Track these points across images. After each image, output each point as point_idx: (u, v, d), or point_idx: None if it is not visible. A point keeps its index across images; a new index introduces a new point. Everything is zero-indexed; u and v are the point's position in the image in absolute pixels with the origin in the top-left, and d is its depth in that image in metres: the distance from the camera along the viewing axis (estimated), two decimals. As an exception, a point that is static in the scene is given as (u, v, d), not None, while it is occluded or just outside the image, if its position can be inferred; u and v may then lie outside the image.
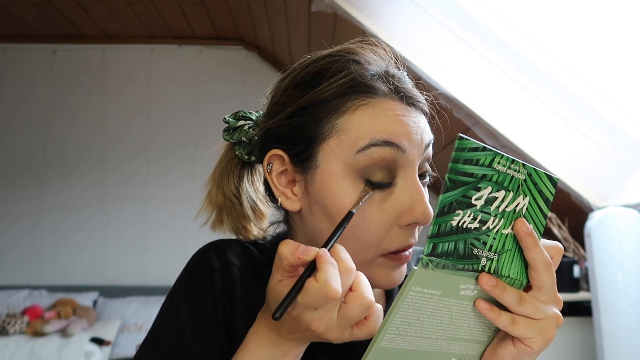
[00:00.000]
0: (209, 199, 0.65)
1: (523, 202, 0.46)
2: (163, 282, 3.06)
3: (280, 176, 0.57)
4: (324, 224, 0.54)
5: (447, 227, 0.42)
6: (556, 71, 1.75)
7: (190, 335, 0.57)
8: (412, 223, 0.52)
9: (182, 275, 0.62)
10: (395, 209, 0.52)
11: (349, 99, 0.53)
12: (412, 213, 0.51)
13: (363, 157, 0.51)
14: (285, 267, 0.45)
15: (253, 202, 0.66)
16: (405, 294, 0.43)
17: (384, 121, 0.52)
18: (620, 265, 1.69)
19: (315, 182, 0.54)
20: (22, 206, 3.22)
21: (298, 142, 0.55)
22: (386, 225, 0.52)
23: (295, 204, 0.57)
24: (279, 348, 0.49)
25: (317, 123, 0.54)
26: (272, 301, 0.47)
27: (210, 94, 3.34)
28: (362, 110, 0.53)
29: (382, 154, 0.51)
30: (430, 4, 1.74)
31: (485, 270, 0.45)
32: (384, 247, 0.52)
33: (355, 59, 0.56)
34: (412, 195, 0.52)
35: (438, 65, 1.85)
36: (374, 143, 0.51)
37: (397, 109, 0.54)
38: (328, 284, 0.42)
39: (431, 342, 0.47)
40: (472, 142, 0.42)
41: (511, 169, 0.45)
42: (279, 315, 0.42)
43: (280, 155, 0.57)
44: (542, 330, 0.46)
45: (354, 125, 0.52)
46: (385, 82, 0.55)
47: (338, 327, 0.45)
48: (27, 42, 3.33)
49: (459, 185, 0.42)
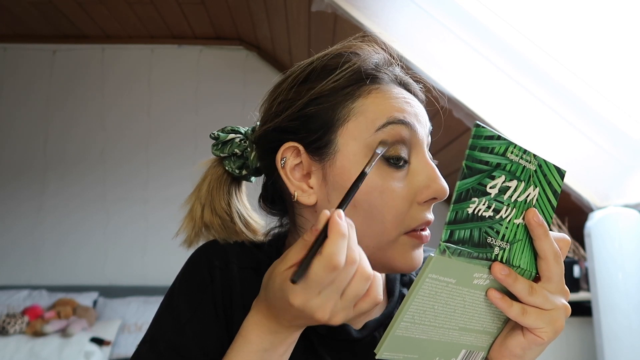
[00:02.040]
0: (191, 217, 0.63)
1: (534, 192, 0.46)
2: (163, 282, 3.06)
3: (293, 170, 0.57)
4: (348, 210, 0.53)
5: (463, 214, 0.43)
6: (556, 71, 1.75)
7: (190, 333, 0.57)
8: (431, 199, 0.53)
9: (181, 273, 0.62)
10: (413, 186, 0.54)
11: (360, 85, 0.56)
12: (429, 189, 0.53)
13: (382, 135, 0.53)
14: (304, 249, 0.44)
15: (244, 218, 0.65)
16: (422, 280, 0.43)
17: (395, 102, 0.55)
18: (620, 265, 1.69)
19: (336, 167, 0.54)
20: (22, 206, 3.22)
21: (314, 130, 0.56)
22: (407, 202, 0.53)
23: (312, 197, 0.56)
24: (277, 335, 0.49)
25: (333, 109, 0.55)
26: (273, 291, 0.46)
27: (210, 94, 3.34)
28: (374, 94, 0.56)
29: (399, 131, 0.53)
30: (430, 4, 1.74)
31: (498, 259, 0.45)
32: (406, 224, 0.53)
33: (358, 52, 0.59)
34: (427, 172, 0.54)
35: (438, 65, 1.85)
36: (392, 121, 0.53)
37: (404, 94, 0.57)
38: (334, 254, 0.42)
39: (444, 332, 0.47)
40: (488, 130, 0.43)
41: (523, 159, 0.46)
42: (297, 278, 0.41)
43: (294, 147, 0.57)
44: (552, 320, 0.46)
45: (370, 107, 0.55)
46: (387, 72, 0.58)
47: (342, 310, 0.45)
48: (27, 42, 3.33)
49: (475, 172, 0.43)
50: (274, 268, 0.47)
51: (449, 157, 2.35)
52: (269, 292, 0.47)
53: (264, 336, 0.49)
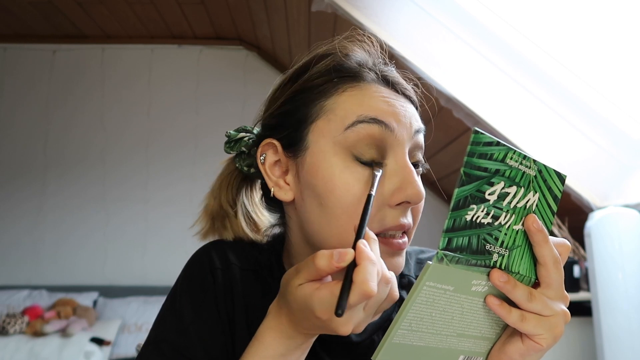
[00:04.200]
0: (205, 211, 0.66)
1: (533, 198, 0.46)
2: (163, 282, 3.06)
3: (273, 167, 0.58)
4: (315, 208, 0.54)
5: (461, 221, 0.42)
6: (556, 71, 1.75)
7: (194, 335, 0.57)
8: (404, 202, 0.52)
9: (183, 274, 0.62)
10: (386, 189, 0.52)
11: (336, 83, 0.55)
12: (402, 191, 0.51)
13: (351, 134, 0.52)
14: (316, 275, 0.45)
15: (248, 213, 0.66)
16: (419, 288, 0.43)
17: (370, 101, 0.54)
18: (620, 266, 1.69)
19: (306, 164, 0.55)
20: (22, 206, 3.22)
21: (288, 127, 0.57)
22: (377, 204, 0.52)
23: (288, 194, 0.57)
24: (294, 341, 0.49)
25: (306, 106, 0.56)
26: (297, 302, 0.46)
27: (210, 93, 3.33)
28: (349, 91, 0.55)
29: (369, 130, 0.52)
30: (430, 4, 1.74)
31: (497, 266, 0.45)
32: (374, 227, 0.52)
33: (340, 50, 0.58)
34: (402, 174, 0.52)
35: (438, 65, 1.85)
36: (361, 120, 0.52)
37: (384, 92, 0.55)
38: (366, 282, 0.41)
39: (441, 338, 0.47)
40: (487, 137, 0.42)
41: (523, 164, 0.45)
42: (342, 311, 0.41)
43: (273, 143, 0.58)
44: (551, 326, 0.46)
45: (342, 105, 0.54)
46: (371, 71, 0.57)
47: (366, 319, 0.45)
48: (27, 42, 3.33)
49: (474, 179, 0.42)
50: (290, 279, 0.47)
51: (449, 157, 2.35)
52: (289, 301, 0.47)
53: (281, 341, 0.49)
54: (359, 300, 0.42)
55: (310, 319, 0.45)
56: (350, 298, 0.42)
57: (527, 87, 1.80)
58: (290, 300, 0.47)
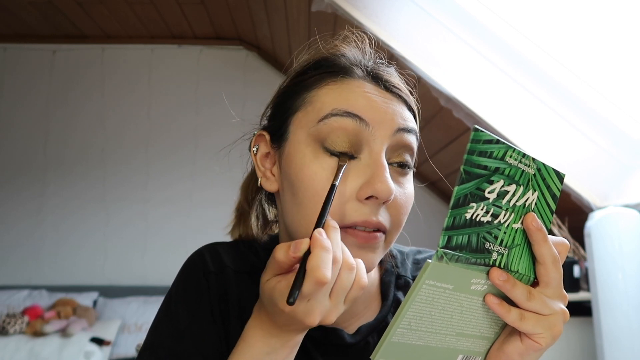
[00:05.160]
0: (236, 206, 0.69)
1: (532, 196, 0.46)
2: (163, 282, 3.06)
3: (265, 158, 0.60)
4: (289, 197, 0.54)
5: (461, 219, 0.42)
6: (556, 71, 1.75)
7: (189, 340, 0.57)
8: (370, 197, 0.51)
9: (178, 279, 0.62)
10: (354, 182, 0.52)
11: (321, 77, 0.56)
12: (370, 186, 0.50)
13: (324, 127, 0.53)
14: (279, 269, 0.46)
15: (263, 211, 0.68)
16: (419, 287, 0.43)
17: (348, 95, 0.54)
18: (620, 265, 1.69)
19: (284, 154, 0.56)
20: (22, 206, 3.22)
21: (274, 118, 0.59)
22: (343, 196, 0.51)
23: (273, 185, 0.58)
24: (277, 339, 0.49)
25: (291, 99, 0.57)
26: (265, 298, 0.48)
27: (210, 94, 3.33)
28: (330, 85, 0.55)
29: (342, 124, 0.52)
30: (430, 4, 1.74)
31: (496, 264, 0.45)
32: (340, 219, 0.51)
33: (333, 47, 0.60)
34: (373, 169, 0.51)
35: (438, 65, 1.85)
36: (335, 113, 0.52)
37: (367, 88, 0.55)
38: (318, 268, 0.43)
39: (440, 337, 0.47)
40: (487, 134, 0.42)
41: (522, 162, 0.45)
42: (293, 300, 0.42)
43: (263, 135, 0.60)
44: (550, 325, 0.46)
45: (321, 97, 0.55)
46: (359, 68, 0.57)
47: (334, 308, 0.46)
48: (27, 42, 3.33)
49: (474, 177, 0.42)
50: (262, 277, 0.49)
51: (449, 157, 2.35)
52: (262, 298, 0.49)
53: (265, 339, 0.49)
54: (313, 287, 0.43)
55: (277, 313, 0.46)
56: (303, 286, 0.43)
57: (527, 87, 1.80)
58: (262, 296, 0.49)
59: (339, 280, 0.45)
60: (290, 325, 0.48)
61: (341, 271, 0.45)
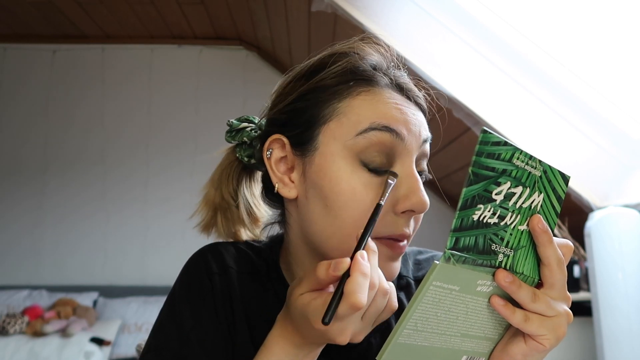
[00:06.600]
0: (206, 201, 0.66)
1: (538, 198, 0.46)
2: (163, 282, 3.06)
3: (279, 163, 0.58)
4: (319, 208, 0.54)
5: (468, 221, 0.42)
6: (556, 71, 1.75)
7: (195, 341, 0.56)
8: (408, 210, 0.52)
9: (180, 280, 0.61)
10: (392, 196, 0.52)
11: (350, 85, 0.55)
12: (408, 200, 0.52)
13: (362, 140, 0.52)
14: (317, 284, 0.46)
15: (249, 205, 0.67)
16: (426, 288, 0.43)
17: (384, 107, 0.54)
18: (620, 265, 1.69)
19: (314, 165, 0.55)
20: (22, 205, 3.22)
21: (299, 125, 0.56)
22: (382, 210, 0.52)
23: (292, 191, 0.57)
24: (301, 349, 0.50)
25: (319, 106, 0.55)
26: (296, 311, 0.47)
27: (210, 93, 3.33)
28: (363, 95, 0.54)
29: (381, 138, 0.52)
30: (430, 4, 1.74)
31: (502, 266, 0.45)
32: (377, 231, 0.52)
33: (357, 52, 0.58)
34: (409, 183, 0.52)
35: (438, 65, 1.85)
36: (374, 127, 0.52)
37: (397, 99, 0.55)
38: (355, 293, 0.43)
39: (446, 338, 0.47)
40: (495, 136, 0.43)
41: (529, 165, 0.45)
42: (328, 320, 0.43)
43: (280, 140, 0.57)
44: (554, 327, 0.46)
45: (355, 109, 0.54)
46: (385, 75, 0.56)
47: (363, 330, 0.47)
48: (27, 42, 3.32)
49: (482, 179, 0.42)
50: (293, 289, 0.49)
51: (449, 157, 2.34)
52: (292, 311, 0.48)
53: (288, 349, 0.50)
54: (348, 310, 0.43)
55: (308, 328, 0.46)
56: (339, 308, 0.43)
57: (527, 87, 1.80)
58: (292, 309, 0.48)
59: (373, 304, 0.46)
60: (319, 340, 0.48)
61: (376, 296, 0.46)
